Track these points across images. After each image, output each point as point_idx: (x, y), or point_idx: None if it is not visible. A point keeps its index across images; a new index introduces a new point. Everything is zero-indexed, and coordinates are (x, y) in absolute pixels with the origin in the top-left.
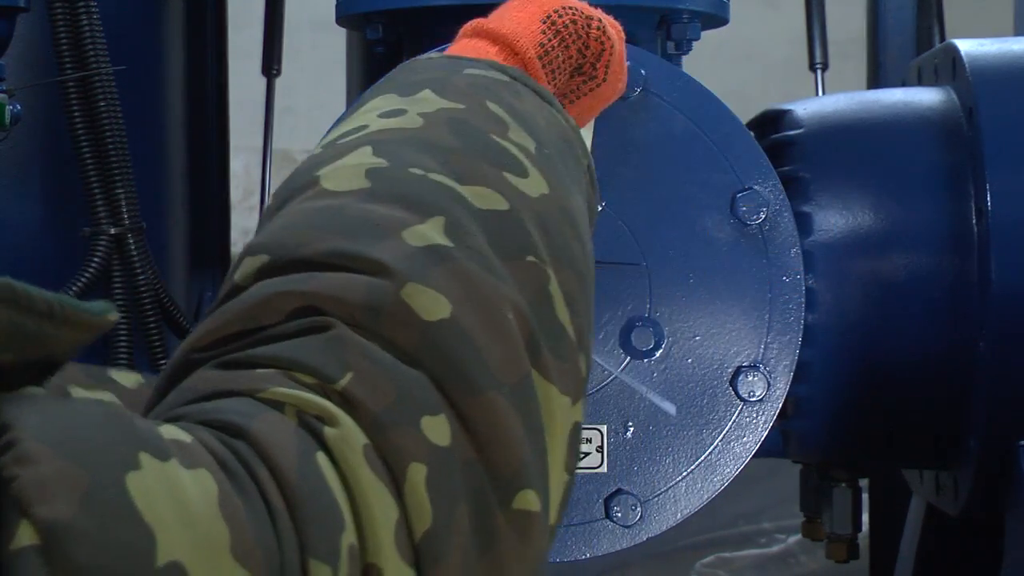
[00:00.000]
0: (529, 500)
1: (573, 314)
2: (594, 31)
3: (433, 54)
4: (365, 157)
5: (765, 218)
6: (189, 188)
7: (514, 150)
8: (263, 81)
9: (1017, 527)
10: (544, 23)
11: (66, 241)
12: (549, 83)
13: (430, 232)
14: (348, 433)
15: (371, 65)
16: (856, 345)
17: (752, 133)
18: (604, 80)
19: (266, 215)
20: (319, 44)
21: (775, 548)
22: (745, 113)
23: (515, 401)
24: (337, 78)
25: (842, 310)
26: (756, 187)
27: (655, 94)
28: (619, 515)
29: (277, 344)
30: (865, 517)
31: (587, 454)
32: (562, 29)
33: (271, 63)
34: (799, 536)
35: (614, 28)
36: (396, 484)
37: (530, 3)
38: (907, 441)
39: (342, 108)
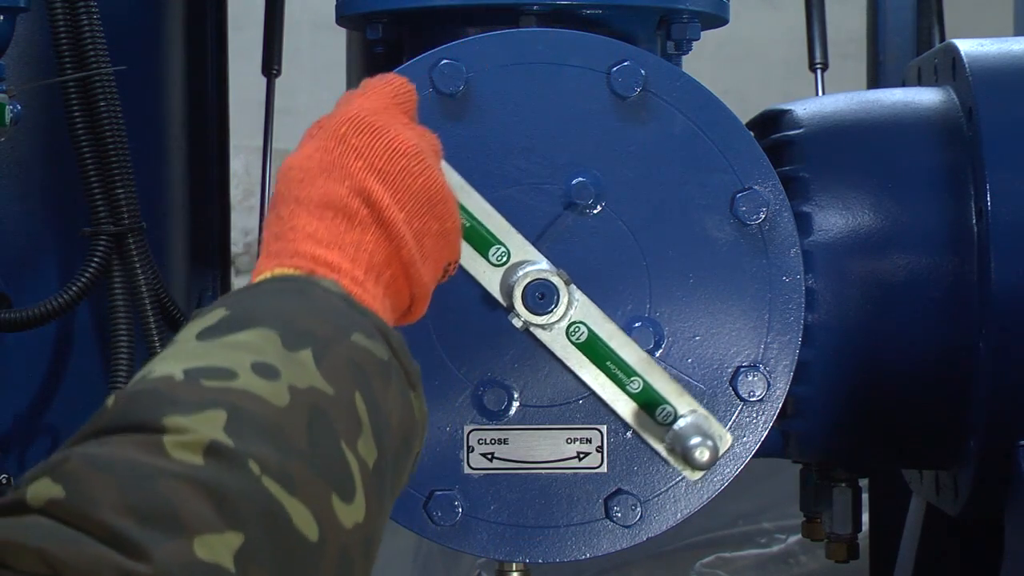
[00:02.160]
0: None
1: None
2: (431, 192)
3: (332, 287)
4: (215, 427)
5: (765, 218)
6: (189, 188)
7: (354, 466)
8: (263, 81)
9: (1017, 527)
10: (444, 273)
11: (66, 241)
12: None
13: (221, 549)
14: None
15: (371, 65)
16: (856, 345)
17: (752, 133)
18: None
19: (101, 415)
20: (319, 44)
21: (775, 548)
22: (745, 113)
23: None
24: (337, 78)
25: (842, 310)
26: (756, 187)
27: (655, 94)
28: (619, 515)
29: None
30: (865, 517)
31: (587, 454)
32: (445, 274)
33: (271, 63)
34: (799, 536)
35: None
36: None
37: (445, 241)
38: (907, 441)
39: None
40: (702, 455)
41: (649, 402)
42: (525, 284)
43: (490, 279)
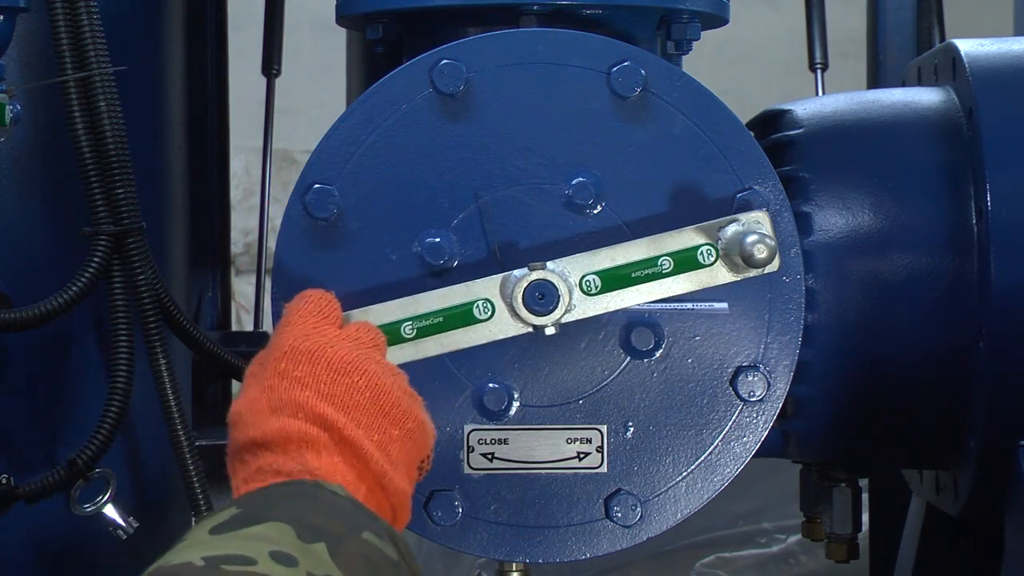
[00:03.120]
0: None
1: None
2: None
3: (339, 490)
4: None
5: None
6: (189, 188)
7: None
8: (263, 81)
9: (1017, 527)
10: (419, 471)
11: (66, 241)
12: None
13: None
14: None
15: (371, 65)
16: (856, 345)
17: (752, 133)
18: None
19: None
20: (319, 44)
21: (775, 548)
22: (745, 113)
23: None
24: (337, 78)
25: (842, 310)
26: (756, 187)
27: (655, 94)
28: (619, 515)
29: None
30: (865, 517)
31: (587, 454)
32: (420, 472)
33: (271, 63)
34: (799, 536)
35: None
36: None
37: (411, 441)
38: (907, 441)
39: (342, 108)
40: (760, 251)
41: (688, 262)
42: (522, 292)
43: (501, 330)
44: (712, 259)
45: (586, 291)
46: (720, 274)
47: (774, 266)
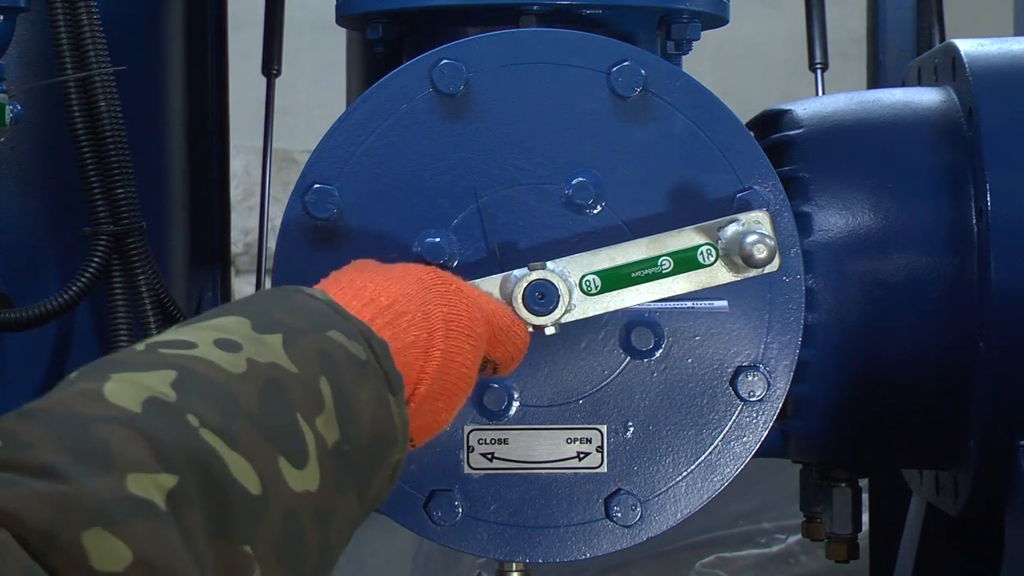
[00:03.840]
0: None
1: None
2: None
3: (318, 294)
4: (161, 382)
5: None
6: (189, 188)
7: (309, 438)
8: (263, 81)
9: (1017, 527)
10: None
11: (66, 241)
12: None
13: (153, 487)
14: None
15: (371, 65)
16: (856, 345)
17: (752, 133)
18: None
19: (66, 381)
20: (319, 44)
21: (775, 548)
22: (745, 113)
23: None
24: (337, 78)
25: (842, 310)
26: (756, 187)
27: (655, 94)
28: (619, 515)
29: None
30: (865, 517)
31: (587, 454)
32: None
33: (271, 63)
34: (799, 536)
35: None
36: None
37: (472, 339)
38: (907, 441)
39: (342, 108)
40: (760, 251)
41: (688, 263)
42: (522, 292)
43: (718, 276)
44: (712, 259)
45: (586, 291)
46: (720, 274)
47: (774, 266)
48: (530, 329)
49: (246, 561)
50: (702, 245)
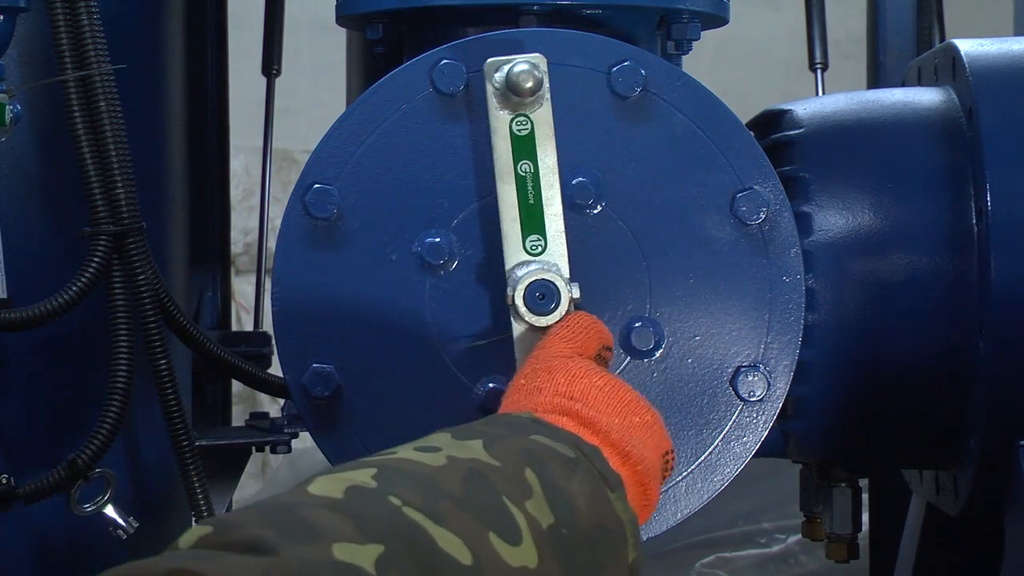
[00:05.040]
0: None
1: None
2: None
3: (524, 414)
4: (362, 475)
5: (765, 218)
6: (189, 188)
7: (520, 518)
8: (263, 81)
9: (1017, 527)
10: (662, 459)
11: (66, 241)
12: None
13: (360, 555)
14: None
15: (371, 65)
16: (856, 345)
17: (752, 133)
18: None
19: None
20: (319, 44)
21: (775, 548)
22: (745, 113)
23: None
24: (337, 78)
25: (842, 310)
26: (756, 187)
27: (655, 94)
28: None
29: None
30: (865, 517)
31: None
32: (668, 465)
33: (271, 63)
34: (799, 536)
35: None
36: None
37: (650, 431)
38: (907, 441)
39: (342, 108)
40: (526, 81)
41: (531, 222)
42: (522, 292)
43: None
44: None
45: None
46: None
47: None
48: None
49: None
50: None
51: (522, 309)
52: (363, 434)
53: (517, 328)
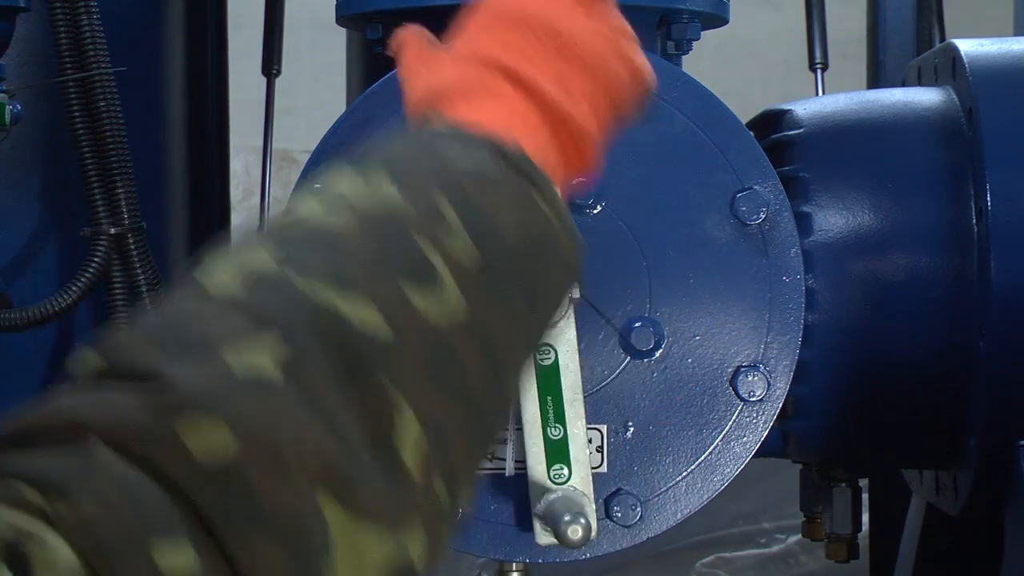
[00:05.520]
0: None
1: (430, 442)
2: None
3: (441, 128)
4: (263, 256)
5: (765, 218)
6: (189, 188)
7: (437, 261)
8: (263, 81)
9: (1017, 527)
10: (612, 109)
11: (66, 241)
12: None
13: (264, 360)
14: (55, 557)
15: (371, 65)
16: (856, 345)
17: (752, 133)
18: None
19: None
20: (319, 44)
21: (775, 548)
22: (745, 113)
23: (291, 550)
24: (337, 78)
25: (842, 310)
26: (756, 187)
27: (655, 94)
28: (619, 515)
29: (23, 455)
30: (865, 517)
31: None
32: (622, 114)
33: (271, 63)
34: (799, 536)
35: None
36: None
37: (603, 73)
38: (907, 441)
39: (342, 108)
40: (574, 533)
41: (555, 454)
42: None
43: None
44: (558, 481)
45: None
46: (535, 491)
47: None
48: None
49: (387, 400)
50: (566, 468)
51: None
52: None
53: None
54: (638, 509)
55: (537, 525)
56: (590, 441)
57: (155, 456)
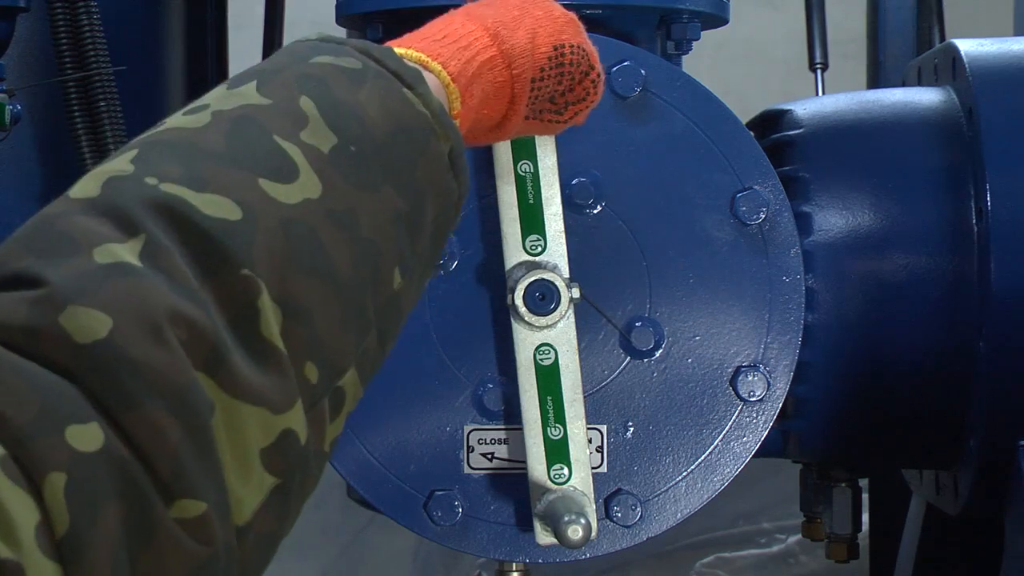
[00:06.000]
0: (186, 508)
1: (296, 323)
2: (588, 82)
3: (327, 43)
4: (120, 163)
5: (765, 218)
6: None
7: (293, 152)
8: None
9: (1017, 527)
10: (555, 51)
11: None
12: (527, 104)
13: (122, 250)
14: None
15: None
16: (856, 345)
17: (752, 133)
18: (565, 122)
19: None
20: None
21: (775, 548)
22: (745, 113)
23: (175, 411)
24: None
25: (842, 310)
26: (756, 187)
27: (655, 94)
28: (619, 515)
29: None
30: (865, 517)
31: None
32: (566, 66)
33: None
34: (799, 536)
35: (601, 84)
36: (37, 491)
37: (550, 21)
38: (907, 441)
39: None
40: (574, 533)
41: (555, 454)
42: (522, 292)
43: (516, 257)
44: (558, 480)
45: (536, 354)
46: (542, 497)
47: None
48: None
49: (248, 284)
50: (566, 468)
51: (522, 310)
52: (363, 434)
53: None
54: (638, 509)
55: (537, 525)
56: (590, 441)
57: (42, 347)
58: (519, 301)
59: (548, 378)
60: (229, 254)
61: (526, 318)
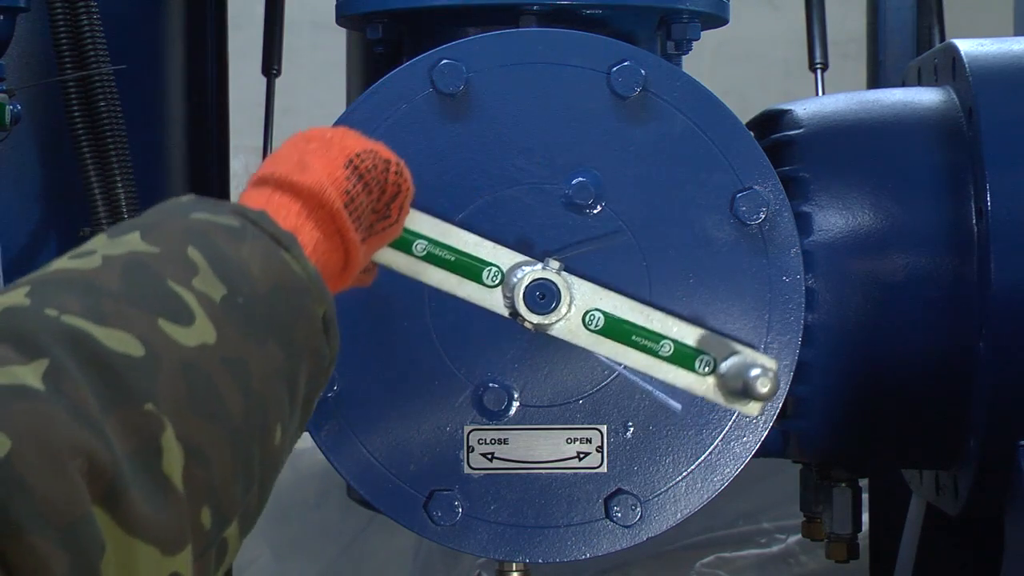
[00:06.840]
0: None
1: (195, 465)
2: (392, 175)
3: (203, 201)
4: (15, 296)
5: (765, 218)
6: (189, 188)
7: (188, 297)
8: (263, 81)
9: (1017, 527)
10: (347, 168)
11: (66, 241)
12: (356, 229)
13: (25, 373)
14: None
15: (371, 65)
16: (856, 345)
17: (752, 133)
18: (396, 221)
19: None
20: (319, 44)
21: (775, 548)
22: (745, 113)
23: (64, 544)
24: (337, 78)
25: (842, 310)
26: (756, 187)
27: (655, 94)
28: (619, 515)
29: None
30: (865, 517)
31: (587, 454)
32: (365, 174)
33: (271, 63)
34: (799, 536)
35: (405, 169)
36: None
37: (329, 146)
38: (907, 441)
39: (342, 108)
40: (763, 385)
41: (684, 359)
42: (524, 288)
43: (492, 300)
44: (707, 370)
45: (587, 324)
46: (707, 389)
47: (755, 410)
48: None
49: (150, 420)
50: (703, 354)
51: (522, 309)
52: (363, 434)
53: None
54: (638, 509)
55: (718, 394)
56: (590, 441)
57: None
58: (519, 301)
59: (614, 328)
60: (133, 388)
61: (527, 318)
